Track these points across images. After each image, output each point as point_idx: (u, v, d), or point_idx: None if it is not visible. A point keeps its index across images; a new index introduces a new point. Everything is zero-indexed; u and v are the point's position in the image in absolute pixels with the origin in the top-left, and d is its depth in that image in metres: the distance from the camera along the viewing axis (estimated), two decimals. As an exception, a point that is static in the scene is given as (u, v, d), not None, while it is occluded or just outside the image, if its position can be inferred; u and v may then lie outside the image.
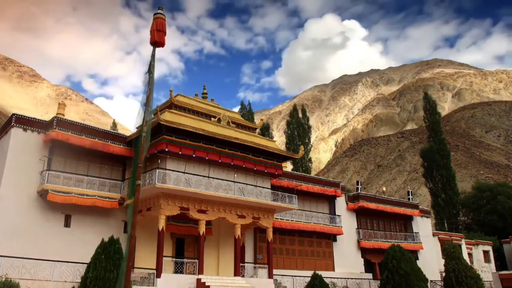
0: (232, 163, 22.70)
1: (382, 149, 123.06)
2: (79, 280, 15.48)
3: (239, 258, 22.16)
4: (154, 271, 19.14)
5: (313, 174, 54.50)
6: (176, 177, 20.28)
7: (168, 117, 20.45)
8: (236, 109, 55.99)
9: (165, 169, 20.27)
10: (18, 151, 19.55)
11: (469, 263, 27.01)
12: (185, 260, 21.48)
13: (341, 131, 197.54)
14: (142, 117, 7.48)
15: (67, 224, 20.08)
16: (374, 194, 42.59)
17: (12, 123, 19.82)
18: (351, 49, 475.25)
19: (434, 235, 37.96)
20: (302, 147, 27.80)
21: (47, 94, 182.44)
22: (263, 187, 23.92)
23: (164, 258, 19.69)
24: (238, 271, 21.79)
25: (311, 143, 68.91)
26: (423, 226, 36.77)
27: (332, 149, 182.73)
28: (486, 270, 38.20)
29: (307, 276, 22.68)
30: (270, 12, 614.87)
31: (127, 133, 23.85)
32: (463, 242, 37.99)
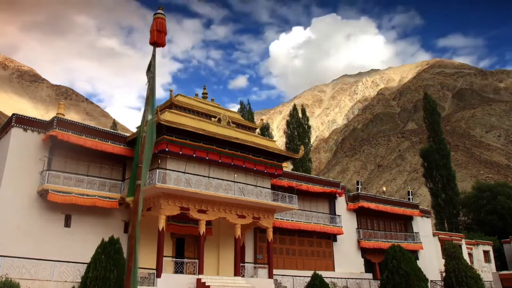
0: (232, 163, 22.70)
1: (382, 149, 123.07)
2: (79, 280, 15.50)
3: (239, 258, 22.15)
4: (154, 271, 19.14)
5: (313, 174, 54.45)
6: (176, 177, 20.28)
7: (168, 117, 20.45)
8: (236, 108, 55.92)
9: (165, 169, 20.27)
10: (18, 151, 19.54)
11: (469, 263, 27.02)
12: (185, 260, 21.49)
13: (341, 131, 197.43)
14: (143, 116, 7.47)
15: (67, 224, 20.08)
16: (374, 194, 42.58)
17: (12, 123, 19.81)
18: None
19: (434, 235, 37.94)
20: (302, 147, 27.78)
21: (47, 94, 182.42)
22: (263, 187, 23.91)
23: (164, 258, 19.70)
24: (238, 271, 21.78)
25: (311, 143, 68.92)
26: (423, 226, 36.76)
27: (332, 149, 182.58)
28: (486, 270, 38.18)
29: (307, 276, 22.68)
30: (251, 50, 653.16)
31: (127, 133, 23.86)
32: (463, 242, 37.97)
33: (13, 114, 20.41)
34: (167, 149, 20.33)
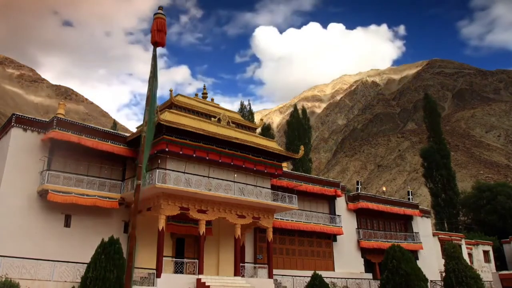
0: (232, 163, 22.69)
1: (382, 149, 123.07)
2: (79, 280, 15.48)
3: (239, 258, 22.15)
4: (154, 271, 19.14)
5: (313, 174, 54.42)
6: (176, 177, 20.27)
7: (168, 117, 20.44)
8: (236, 108, 55.91)
9: (165, 169, 20.26)
10: (18, 151, 19.54)
11: (469, 263, 26.99)
12: (185, 260, 21.47)
13: (341, 131, 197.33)
14: (144, 117, 7.48)
15: (67, 224, 20.08)
16: (374, 194, 42.56)
17: (12, 123, 19.81)
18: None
19: (434, 235, 37.95)
20: (302, 147, 27.71)
21: (47, 94, 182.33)
22: (263, 187, 23.91)
23: (164, 258, 19.69)
24: (238, 271, 21.78)
25: (311, 143, 68.89)
26: (423, 226, 36.76)
27: (332, 149, 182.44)
28: (486, 270, 38.18)
29: (307, 276, 22.66)
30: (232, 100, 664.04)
31: (127, 133, 23.85)
32: (463, 242, 37.97)
33: (13, 114, 20.39)
34: (167, 149, 20.32)
